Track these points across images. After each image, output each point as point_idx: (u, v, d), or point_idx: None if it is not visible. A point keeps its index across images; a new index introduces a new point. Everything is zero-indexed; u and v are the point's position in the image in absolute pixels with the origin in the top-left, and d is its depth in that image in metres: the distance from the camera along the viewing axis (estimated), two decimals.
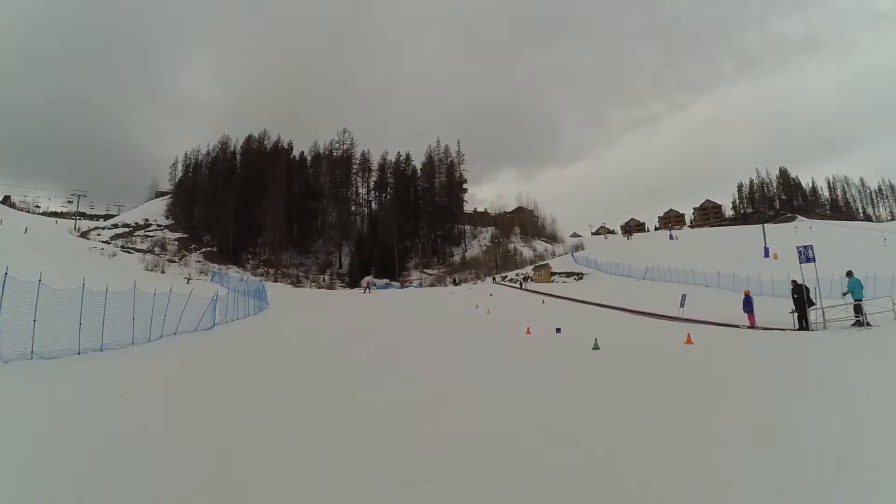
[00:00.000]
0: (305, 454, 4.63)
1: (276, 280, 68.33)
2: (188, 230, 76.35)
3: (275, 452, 4.65)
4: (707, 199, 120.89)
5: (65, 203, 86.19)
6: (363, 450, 4.70)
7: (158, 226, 75.85)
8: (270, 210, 77.97)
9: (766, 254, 46.70)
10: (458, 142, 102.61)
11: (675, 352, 10.74)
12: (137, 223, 75.38)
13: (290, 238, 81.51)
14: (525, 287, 49.39)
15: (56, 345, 10.97)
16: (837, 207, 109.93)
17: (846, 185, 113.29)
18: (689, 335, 12.13)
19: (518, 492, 3.55)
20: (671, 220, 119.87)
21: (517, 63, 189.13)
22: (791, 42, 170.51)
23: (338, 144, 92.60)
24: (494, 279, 64.51)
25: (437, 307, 32.14)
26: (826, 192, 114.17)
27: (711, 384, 7.44)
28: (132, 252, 60.36)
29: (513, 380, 8.45)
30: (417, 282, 75.02)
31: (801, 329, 14.03)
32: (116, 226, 73.49)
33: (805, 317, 14.25)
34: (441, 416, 5.99)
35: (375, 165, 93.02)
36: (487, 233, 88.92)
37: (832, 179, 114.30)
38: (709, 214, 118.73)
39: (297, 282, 72.23)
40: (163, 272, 53.38)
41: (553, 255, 74.04)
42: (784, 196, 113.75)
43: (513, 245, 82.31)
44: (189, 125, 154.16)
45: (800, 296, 14.34)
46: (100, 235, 66.26)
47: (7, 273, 10.07)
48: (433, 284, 70.77)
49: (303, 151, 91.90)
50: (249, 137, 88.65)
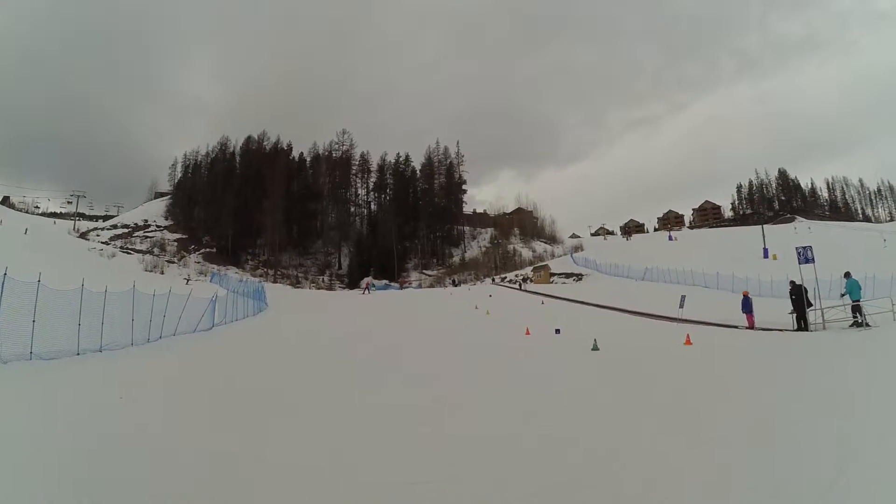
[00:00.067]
0: (305, 455, 4.63)
1: (276, 281, 68.35)
2: (187, 231, 76.35)
3: (274, 453, 4.65)
4: (706, 200, 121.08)
5: (64, 203, 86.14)
6: (363, 450, 4.70)
7: (158, 226, 75.81)
8: (270, 211, 78.01)
9: (766, 255, 46.75)
10: (458, 143, 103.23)
11: (675, 352, 10.75)
12: (136, 224, 75.35)
13: (290, 239, 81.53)
14: (524, 288, 49.38)
15: (55, 345, 10.95)
16: (836, 208, 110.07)
17: (845, 186, 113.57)
18: (689, 336, 12.14)
19: (518, 493, 3.55)
20: (670, 221, 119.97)
21: (517, 63, 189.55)
22: (791, 42, 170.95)
23: (337, 145, 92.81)
24: (494, 280, 64.49)
25: (437, 308, 32.14)
26: (825, 193, 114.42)
27: (711, 385, 7.45)
28: (131, 253, 60.33)
29: (512, 380, 8.45)
30: (416, 283, 75.00)
31: (800, 330, 14.04)
32: (115, 226, 73.44)
33: (804, 317, 14.26)
34: (441, 417, 5.99)
35: (375, 166, 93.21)
36: (487, 234, 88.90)
37: (831, 180, 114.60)
38: (708, 215, 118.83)
39: (297, 283, 72.22)
40: (162, 273, 53.32)
41: (552, 256, 74.07)
42: (783, 197, 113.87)
43: (512, 246, 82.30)
44: (189, 125, 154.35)
45: (798, 296, 14.35)
46: (99, 236, 66.22)
47: (6, 273, 10.06)
48: (432, 285, 70.74)
49: (302, 152, 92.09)
50: (249, 138, 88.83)
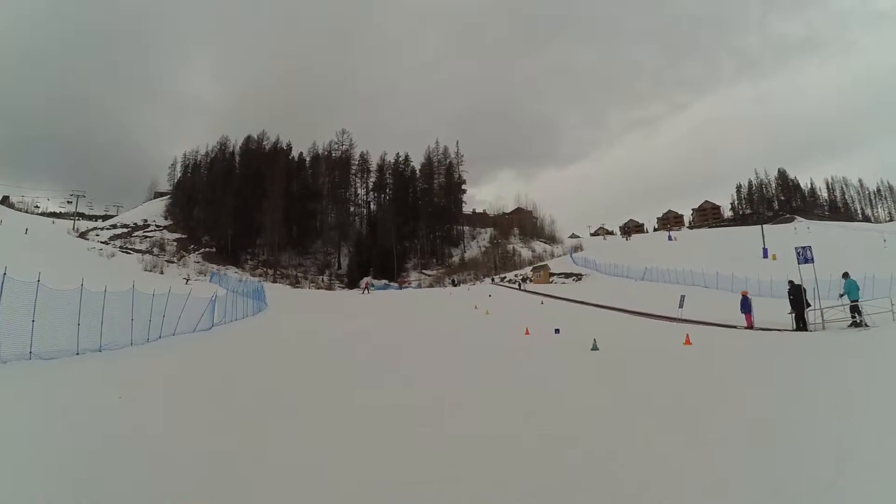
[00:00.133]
0: (305, 455, 4.63)
1: (275, 281, 68.33)
2: (187, 231, 76.32)
3: (274, 453, 4.65)
4: (706, 200, 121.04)
5: (63, 203, 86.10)
6: (363, 450, 4.70)
7: (157, 226, 75.77)
8: (269, 211, 77.99)
9: (765, 255, 46.77)
10: (457, 143, 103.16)
11: (674, 352, 10.76)
12: (136, 224, 75.30)
13: (289, 239, 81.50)
14: (524, 288, 49.38)
15: (55, 345, 10.93)
16: (836, 208, 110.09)
17: (845, 186, 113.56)
18: (688, 336, 12.15)
19: (518, 493, 3.55)
20: (670, 221, 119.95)
21: (517, 63, 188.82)
22: (791, 42, 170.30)
23: (337, 145, 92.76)
24: (493, 280, 64.50)
25: (436, 308, 32.16)
26: (825, 193, 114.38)
27: (710, 385, 7.45)
28: (131, 252, 60.29)
29: (512, 380, 8.45)
30: (416, 282, 75.00)
31: (799, 330, 14.05)
32: (115, 226, 73.41)
33: (802, 317, 14.27)
34: (440, 417, 5.99)
35: (374, 166, 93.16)
36: (486, 234, 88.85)
37: (831, 180, 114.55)
38: (707, 215, 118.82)
39: (296, 282, 72.20)
40: (161, 273, 53.28)
41: (552, 256, 74.07)
42: (783, 197, 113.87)
43: (511, 246, 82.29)
44: (189, 125, 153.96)
45: (796, 296, 14.36)
46: (98, 236, 66.19)
47: (5, 273, 10.05)
48: (432, 285, 70.74)
49: (302, 152, 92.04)
50: (248, 138, 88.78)
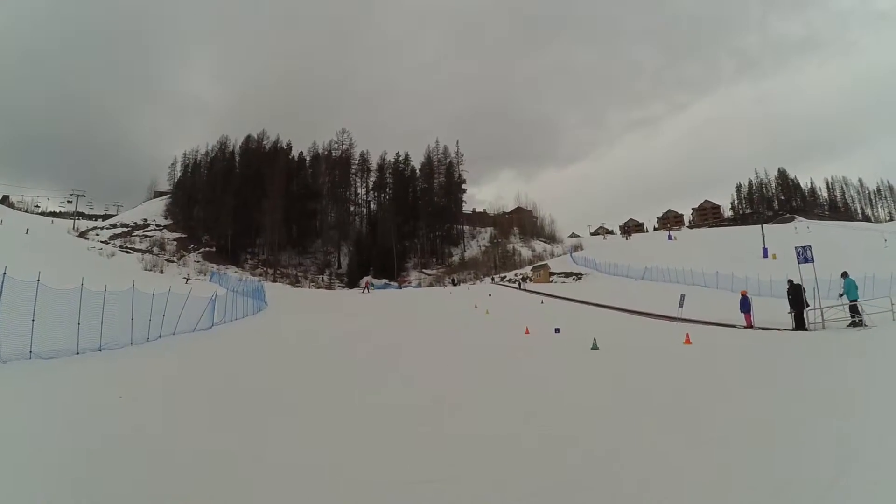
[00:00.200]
0: (305, 454, 4.62)
1: (275, 280, 68.33)
2: (187, 230, 76.30)
3: (274, 453, 4.64)
4: (706, 200, 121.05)
5: (63, 203, 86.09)
6: (363, 450, 4.69)
7: (157, 226, 75.76)
8: (269, 210, 77.97)
9: (765, 254, 46.80)
10: (457, 142, 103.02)
11: (674, 352, 10.76)
12: (136, 223, 75.29)
13: (289, 238, 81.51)
14: (524, 287, 49.40)
15: (54, 345, 10.93)
16: (836, 208, 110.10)
17: (845, 186, 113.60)
18: (688, 335, 12.14)
19: (518, 493, 3.55)
20: (670, 221, 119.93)
21: (517, 63, 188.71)
22: (791, 42, 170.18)
23: (337, 145, 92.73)
24: (493, 279, 64.51)
25: (436, 307, 32.16)
26: (825, 193, 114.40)
27: (710, 384, 7.44)
28: (131, 252, 60.30)
29: (512, 380, 8.45)
30: (416, 282, 75.00)
31: (798, 329, 14.04)
32: (115, 226, 73.41)
33: (801, 317, 14.26)
34: (441, 417, 5.98)
35: (374, 166, 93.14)
36: (486, 233, 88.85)
37: (831, 180, 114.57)
38: (707, 215, 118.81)
39: (296, 282, 72.20)
40: (161, 272, 53.31)
41: (552, 256, 74.07)
42: (783, 196, 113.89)
43: (511, 245, 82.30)
44: (188, 125, 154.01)
45: (796, 296, 14.35)
46: (98, 235, 66.18)
47: (5, 273, 10.05)
48: (432, 284, 70.75)
49: (302, 152, 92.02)
50: (248, 138, 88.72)
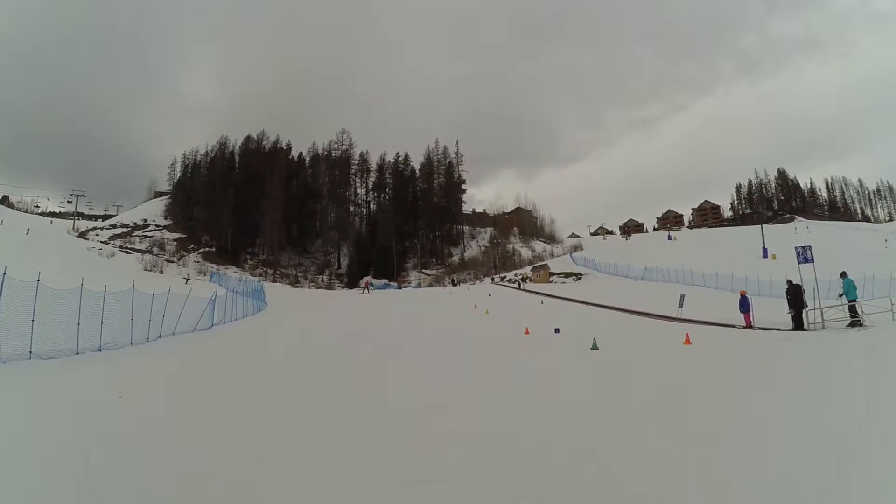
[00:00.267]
0: (305, 454, 4.62)
1: (275, 280, 68.30)
2: (187, 230, 76.22)
3: (275, 453, 4.64)
4: (706, 200, 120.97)
5: (63, 203, 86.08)
6: (363, 450, 4.69)
7: (157, 226, 75.69)
8: (269, 210, 77.96)
9: (765, 254, 46.85)
10: (457, 142, 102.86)
11: (674, 352, 10.76)
12: (136, 223, 75.21)
13: (289, 238, 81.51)
14: (523, 287, 49.39)
15: (55, 345, 10.94)
16: (836, 208, 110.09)
17: (845, 186, 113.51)
18: (688, 335, 12.14)
19: (518, 492, 3.55)
20: (670, 221, 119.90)
21: (517, 63, 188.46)
22: (791, 43, 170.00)
23: (336, 145, 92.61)
24: (493, 280, 64.51)
25: (436, 307, 32.15)
26: (824, 193, 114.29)
27: (710, 384, 7.44)
28: (130, 252, 60.22)
29: (512, 380, 8.45)
30: (416, 282, 75.00)
31: (797, 329, 14.04)
32: (115, 226, 73.32)
33: (800, 317, 14.25)
34: (441, 417, 5.98)
35: (374, 166, 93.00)
36: (486, 233, 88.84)
37: (831, 180, 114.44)
38: (707, 215, 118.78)
39: (296, 282, 72.18)
40: (161, 272, 53.27)
41: (552, 256, 74.10)
42: (783, 197, 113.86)
43: (511, 245, 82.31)
44: (188, 125, 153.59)
45: (795, 296, 14.35)
46: (98, 235, 66.10)
47: (5, 273, 10.05)
48: (432, 285, 70.74)
49: (301, 152, 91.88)
50: (248, 138, 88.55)
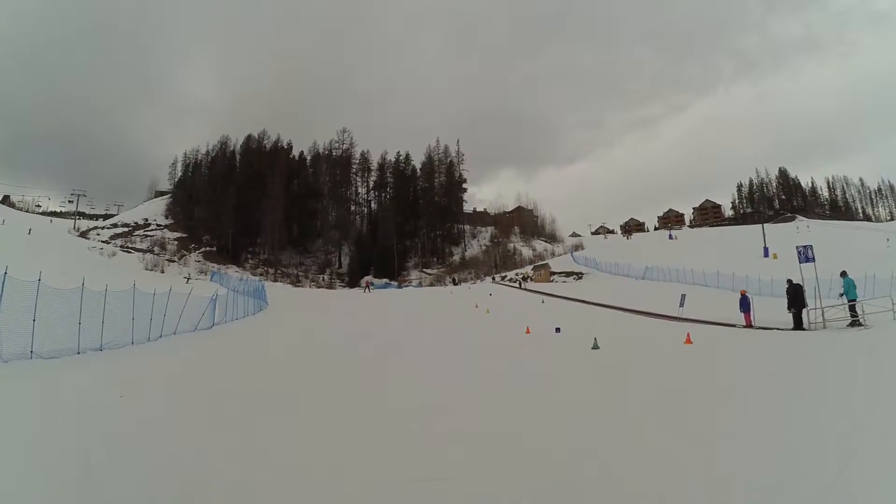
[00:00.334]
0: (306, 454, 4.62)
1: (276, 280, 68.40)
2: (187, 230, 76.32)
3: (275, 452, 4.65)
4: (706, 199, 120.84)
5: (64, 202, 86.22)
6: (364, 449, 4.69)
7: (158, 225, 75.78)
8: (270, 210, 78.05)
9: (766, 254, 46.80)
10: (458, 142, 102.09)
11: (675, 351, 10.75)
12: (137, 223, 75.30)
13: (290, 238, 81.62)
14: (524, 287, 49.41)
15: (55, 344, 10.96)
16: (837, 207, 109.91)
17: (845, 186, 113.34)
18: (689, 335, 12.13)
19: (519, 492, 3.54)
20: (671, 220, 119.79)
21: (517, 63, 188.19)
22: (790, 43, 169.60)
23: (337, 144, 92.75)
24: (494, 279, 64.54)
25: (437, 307, 32.17)
26: (825, 193, 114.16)
27: (711, 383, 7.44)
28: (131, 252, 60.32)
29: (513, 379, 8.45)
30: (417, 281, 75.03)
31: (797, 329, 14.02)
32: (116, 225, 73.42)
33: (800, 316, 14.23)
34: (441, 416, 5.98)
35: (375, 165, 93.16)
36: (487, 232, 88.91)
37: (832, 179, 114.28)
38: (708, 214, 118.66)
39: (297, 281, 72.28)
40: (162, 272, 53.39)
41: (552, 255, 74.11)
42: (783, 196, 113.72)
43: (512, 245, 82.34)
44: (189, 125, 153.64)
45: (795, 295, 14.33)
46: (99, 235, 66.17)
47: (6, 273, 10.06)
48: (432, 284, 70.79)
49: (302, 151, 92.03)
50: (249, 137, 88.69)
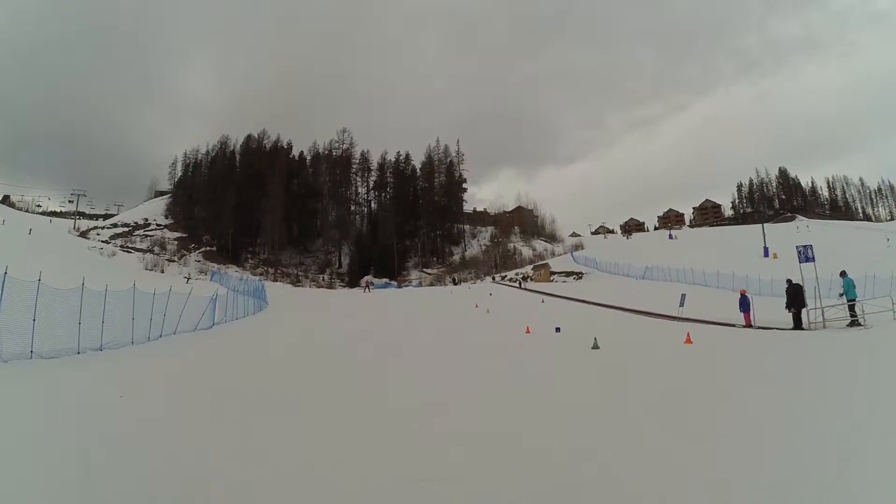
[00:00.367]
0: (306, 453, 4.63)
1: (276, 279, 68.41)
2: (187, 230, 76.34)
3: (276, 452, 4.65)
4: (706, 199, 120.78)
5: (63, 202, 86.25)
6: (364, 449, 4.69)
7: (158, 225, 75.80)
8: (270, 210, 78.07)
9: (766, 253, 46.79)
10: (458, 141, 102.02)
11: (675, 351, 10.75)
12: (137, 223, 75.33)
13: (290, 237, 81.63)
14: (524, 286, 49.41)
15: (56, 344, 10.95)
16: (837, 207, 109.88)
17: (846, 185, 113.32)
18: (689, 334, 12.13)
19: (519, 492, 3.55)
20: (671, 220, 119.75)
21: (517, 63, 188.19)
22: (790, 43, 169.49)
23: (337, 144, 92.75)
24: (494, 279, 64.54)
25: (437, 306, 32.17)
26: (825, 192, 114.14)
27: (711, 383, 7.44)
28: (131, 251, 60.34)
29: (513, 379, 8.44)
30: (417, 281, 75.05)
31: (796, 328, 14.01)
32: (116, 225, 73.44)
33: (799, 316, 14.22)
34: (442, 416, 5.98)
35: (375, 165, 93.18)
36: (487, 232, 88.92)
37: (832, 179, 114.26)
38: (708, 214, 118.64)
39: (297, 281, 72.29)
40: (162, 272, 53.41)
41: (552, 255, 74.11)
42: (783, 196, 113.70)
43: (512, 245, 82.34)
44: (189, 125, 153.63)
45: (795, 295, 14.33)
46: (99, 235, 66.19)
47: (6, 273, 10.06)
48: (432, 284, 70.79)
49: (302, 151, 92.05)
50: (249, 137, 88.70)
